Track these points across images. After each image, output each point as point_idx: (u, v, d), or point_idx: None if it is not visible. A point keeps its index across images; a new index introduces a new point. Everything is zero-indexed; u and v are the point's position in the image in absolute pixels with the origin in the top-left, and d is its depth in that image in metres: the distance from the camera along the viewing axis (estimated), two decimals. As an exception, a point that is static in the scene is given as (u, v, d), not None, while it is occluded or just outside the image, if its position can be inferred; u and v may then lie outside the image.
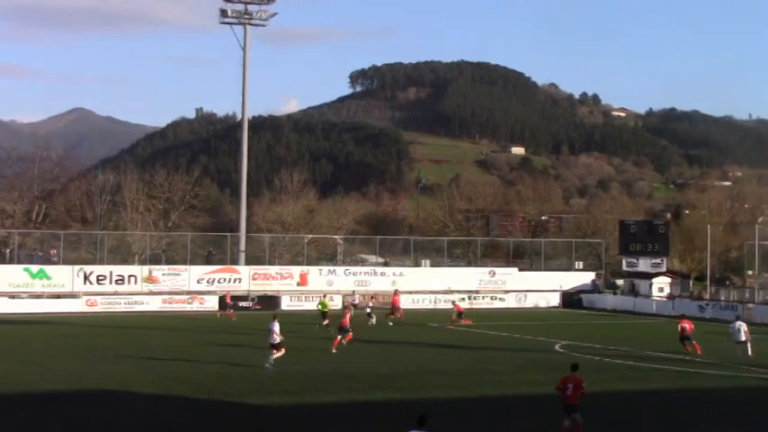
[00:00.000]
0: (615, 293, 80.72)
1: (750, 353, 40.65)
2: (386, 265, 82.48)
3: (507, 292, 76.67)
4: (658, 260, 77.68)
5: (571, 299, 77.71)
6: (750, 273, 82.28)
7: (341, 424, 25.44)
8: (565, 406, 23.37)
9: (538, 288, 77.31)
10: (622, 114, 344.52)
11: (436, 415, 26.61)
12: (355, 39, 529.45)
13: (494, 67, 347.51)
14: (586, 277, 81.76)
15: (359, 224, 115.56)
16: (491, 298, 75.91)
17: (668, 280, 77.84)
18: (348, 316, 43.74)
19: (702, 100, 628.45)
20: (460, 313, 58.04)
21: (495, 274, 78.80)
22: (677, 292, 76.44)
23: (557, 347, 45.11)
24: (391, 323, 56.78)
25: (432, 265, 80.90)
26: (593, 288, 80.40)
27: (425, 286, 74.06)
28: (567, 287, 78.70)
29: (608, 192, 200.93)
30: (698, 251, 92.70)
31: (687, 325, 44.25)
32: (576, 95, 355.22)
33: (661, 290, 76.67)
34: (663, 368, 38.09)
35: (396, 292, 63.34)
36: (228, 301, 64.53)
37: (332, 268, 75.94)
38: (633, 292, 77.79)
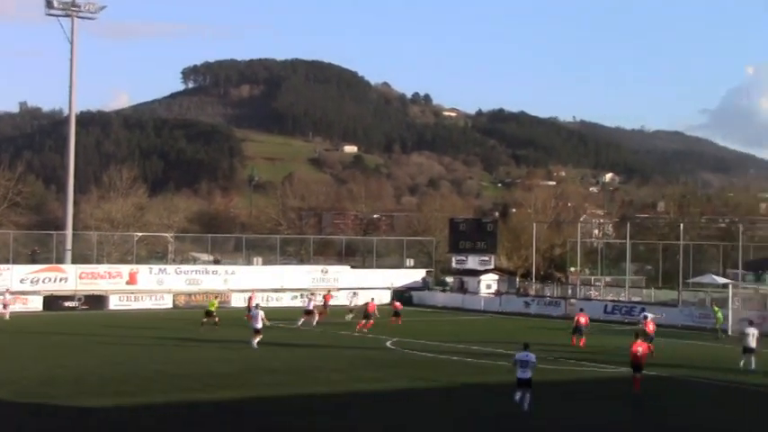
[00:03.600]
0: (445, 290, 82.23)
1: (753, 365, 37.96)
2: (217, 263, 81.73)
3: (339, 289, 77.05)
4: (486, 257, 79.61)
5: (402, 296, 78.69)
6: (573, 269, 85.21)
7: (175, 424, 25.10)
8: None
9: (369, 286, 77.91)
10: (453, 114, 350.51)
11: (269, 413, 26.74)
12: (188, 35, 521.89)
13: (327, 66, 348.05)
14: (417, 275, 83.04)
15: (190, 222, 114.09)
16: (323, 296, 76.07)
17: (496, 277, 79.84)
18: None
19: (529, 101, 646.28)
20: (368, 314, 56.34)
21: (327, 271, 79.19)
22: (504, 288, 78.41)
23: (388, 344, 45.68)
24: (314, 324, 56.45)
25: (264, 264, 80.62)
26: (424, 285, 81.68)
27: (258, 284, 73.65)
28: (398, 284, 79.68)
29: (438, 190, 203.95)
30: (524, 249, 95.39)
31: (583, 318, 46.81)
32: (409, 95, 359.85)
33: (489, 287, 78.56)
34: (494, 363, 39.05)
35: (328, 293, 64.60)
36: None
37: (162, 267, 74.65)
38: (462, 289, 79.42)
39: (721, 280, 73.70)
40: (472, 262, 79.79)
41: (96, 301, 67.68)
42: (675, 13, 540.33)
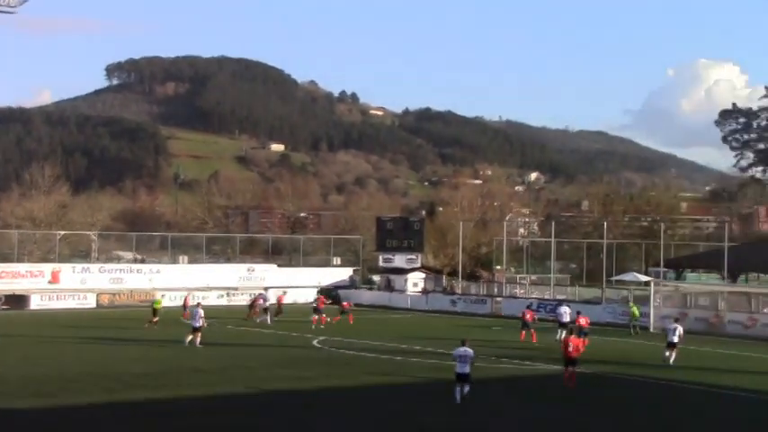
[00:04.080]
0: (371, 289, 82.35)
1: (672, 361, 38.84)
2: (142, 262, 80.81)
3: (266, 288, 76.65)
4: (413, 256, 79.91)
5: (329, 294, 78.52)
6: (498, 268, 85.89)
7: (97, 425, 24.73)
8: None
9: (296, 284, 77.74)
10: (380, 113, 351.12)
11: (191, 412, 26.50)
12: (112, 31, 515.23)
13: (254, 64, 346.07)
14: (344, 273, 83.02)
15: (115, 220, 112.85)
16: (250, 294, 75.58)
17: (422, 275, 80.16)
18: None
19: (456, 101, 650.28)
20: (318, 309, 56.36)
21: (253, 270, 78.77)
22: (431, 287, 78.77)
23: (314, 343, 45.58)
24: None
25: (190, 262, 79.90)
26: (351, 284, 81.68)
27: (183, 283, 72.93)
28: (325, 283, 79.51)
29: (365, 189, 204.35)
30: (450, 247, 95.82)
31: (528, 315, 48.57)
32: (336, 94, 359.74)
33: (415, 285, 78.87)
34: (417, 360, 39.20)
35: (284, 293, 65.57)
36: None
37: (86, 266, 73.55)
38: (389, 287, 79.60)
39: (643, 278, 74.90)
40: (399, 260, 79.99)
41: (17, 300, 66.30)
42: (599, 14, 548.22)
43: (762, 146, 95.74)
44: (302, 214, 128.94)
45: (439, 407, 28.19)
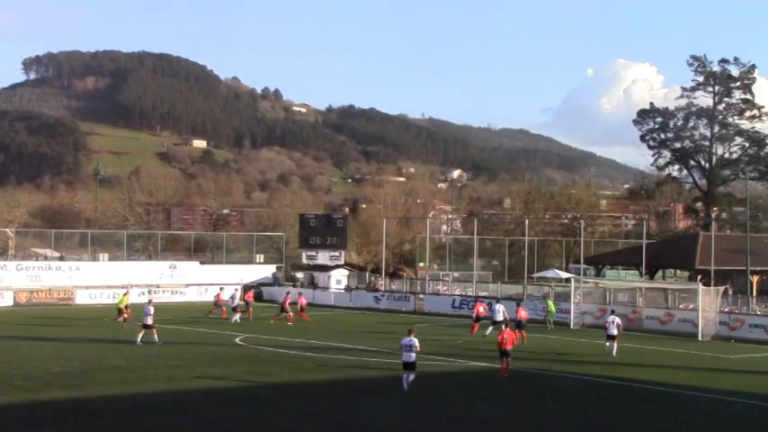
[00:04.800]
0: (295, 286, 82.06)
1: (615, 352, 40.90)
2: (61, 259, 79.55)
3: (188, 285, 76.04)
4: (336, 253, 79.87)
5: (255, 291, 78.18)
6: (422, 264, 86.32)
7: (15, 426, 24.26)
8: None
9: (219, 281, 77.09)
10: (303, 110, 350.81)
11: (113, 411, 26.17)
12: (29, 24, 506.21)
13: (176, 59, 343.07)
14: (267, 270, 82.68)
15: (33, 217, 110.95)
16: (172, 292, 74.97)
17: (346, 272, 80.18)
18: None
19: (379, 98, 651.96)
20: (283, 308, 56.11)
21: (176, 267, 78.03)
22: (354, 284, 78.82)
23: (237, 341, 45.31)
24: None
25: (110, 260, 78.82)
26: (274, 281, 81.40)
27: (104, 281, 71.98)
28: (248, 280, 79.11)
29: (289, 186, 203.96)
30: (374, 244, 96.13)
31: (482, 308, 50.27)
32: (259, 90, 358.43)
33: (339, 282, 78.86)
34: (340, 357, 39.22)
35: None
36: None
37: (3, 263, 72.10)
38: (312, 284, 79.48)
39: (564, 274, 75.93)
40: (322, 257, 79.92)
41: (-70, 299, 64.93)
42: (520, 14, 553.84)
43: (678, 145, 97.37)
44: (225, 211, 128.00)
45: (359, 404, 28.26)
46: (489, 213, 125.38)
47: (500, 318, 46.61)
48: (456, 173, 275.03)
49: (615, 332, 41.31)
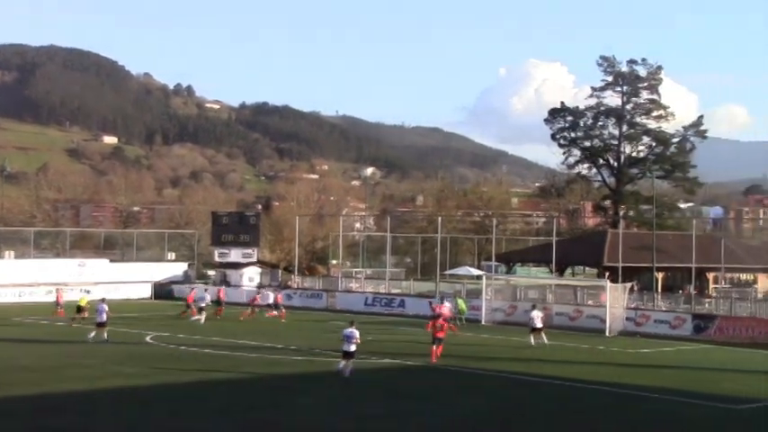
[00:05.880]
0: (207, 284, 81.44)
1: (546, 340, 43.97)
2: (-35, 257, 77.71)
3: (97, 283, 74.84)
4: (249, 251, 79.49)
5: (163, 290, 77.43)
6: (335, 262, 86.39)
7: None
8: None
9: (129, 279, 76.24)
10: (216, 107, 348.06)
11: (25, 412, 25.71)
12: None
13: (86, 54, 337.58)
14: (179, 268, 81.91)
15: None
16: (80, 290, 73.73)
17: (258, 270, 79.85)
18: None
19: (293, 95, 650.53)
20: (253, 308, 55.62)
21: (84, 265, 76.81)
22: (267, 281, 78.52)
23: (148, 339, 44.85)
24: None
25: (17, 257, 77.24)
26: (185, 279, 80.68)
27: (10, 280, 70.51)
28: (158, 278, 78.34)
29: (201, 183, 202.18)
30: (287, 241, 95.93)
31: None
32: (171, 86, 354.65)
33: (251, 280, 78.49)
34: (252, 356, 39.07)
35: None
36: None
37: None
38: (224, 282, 78.94)
39: (476, 272, 76.61)
40: (235, 255, 79.46)
41: None
42: (435, 12, 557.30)
43: (588, 144, 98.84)
44: (136, 208, 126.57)
45: (272, 401, 28.24)
46: (402, 211, 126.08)
47: (539, 324, 44.90)
48: (369, 170, 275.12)
49: (540, 324, 43.95)
